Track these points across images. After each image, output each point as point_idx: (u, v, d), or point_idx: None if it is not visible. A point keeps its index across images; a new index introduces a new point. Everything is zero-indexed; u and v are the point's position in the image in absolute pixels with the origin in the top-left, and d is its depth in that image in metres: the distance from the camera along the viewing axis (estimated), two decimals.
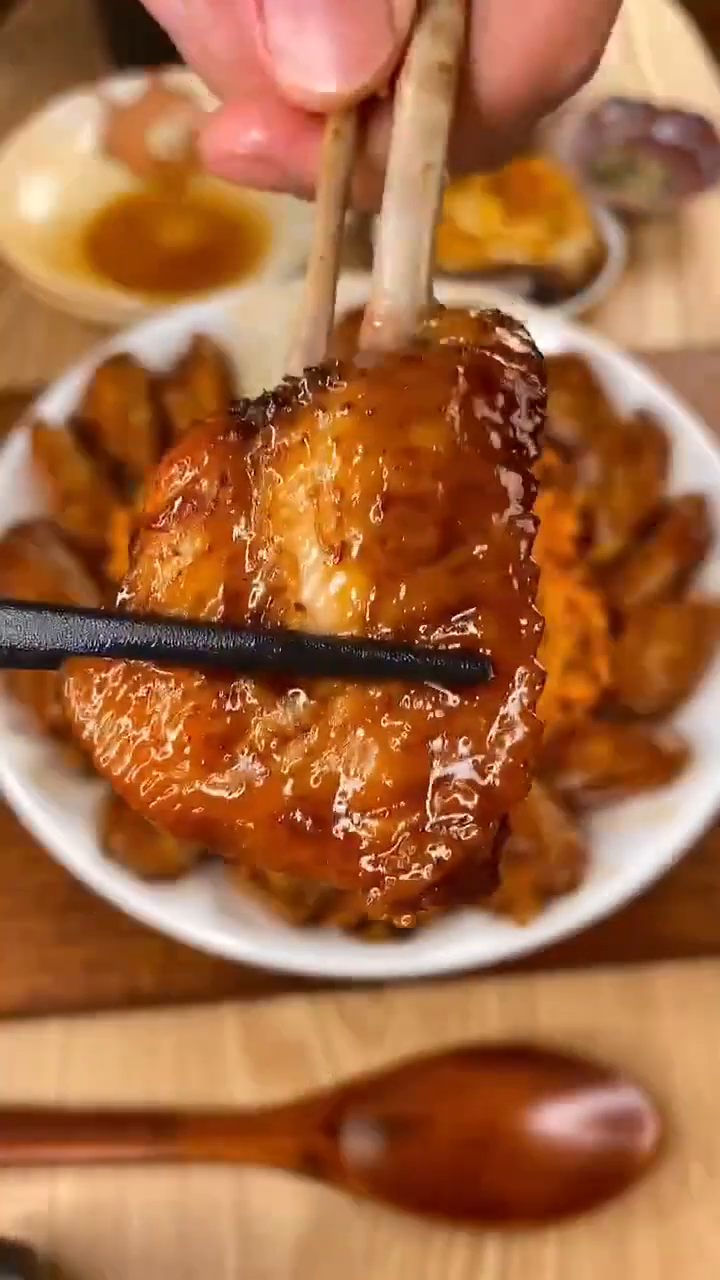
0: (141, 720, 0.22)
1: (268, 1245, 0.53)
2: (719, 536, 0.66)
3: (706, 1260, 0.53)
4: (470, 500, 0.21)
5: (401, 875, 0.20)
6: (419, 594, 0.21)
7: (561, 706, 0.63)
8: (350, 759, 0.21)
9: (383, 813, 0.21)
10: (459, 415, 0.21)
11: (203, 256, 0.90)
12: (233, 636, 0.21)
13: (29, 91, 1.07)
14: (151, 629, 0.21)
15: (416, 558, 0.21)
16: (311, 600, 0.21)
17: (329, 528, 0.21)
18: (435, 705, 0.21)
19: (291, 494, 0.21)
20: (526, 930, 0.53)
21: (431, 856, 0.20)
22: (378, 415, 0.21)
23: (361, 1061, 0.57)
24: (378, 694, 0.21)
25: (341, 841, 0.21)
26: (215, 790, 0.21)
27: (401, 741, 0.21)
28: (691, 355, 0.85)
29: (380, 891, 0.21)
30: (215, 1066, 0.57)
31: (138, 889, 0.54)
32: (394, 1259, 0.53)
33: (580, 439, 0.70)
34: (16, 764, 0.57)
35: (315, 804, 0.21)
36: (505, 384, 0.21)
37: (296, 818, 0.21)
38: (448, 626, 0.21)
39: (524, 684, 0.21)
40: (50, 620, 0.22)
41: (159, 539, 0.22)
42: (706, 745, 0.58)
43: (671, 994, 0.59)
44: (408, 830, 0.20)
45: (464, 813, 0.20)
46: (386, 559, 0.21)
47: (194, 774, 0.21)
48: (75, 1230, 0.53)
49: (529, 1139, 0.53)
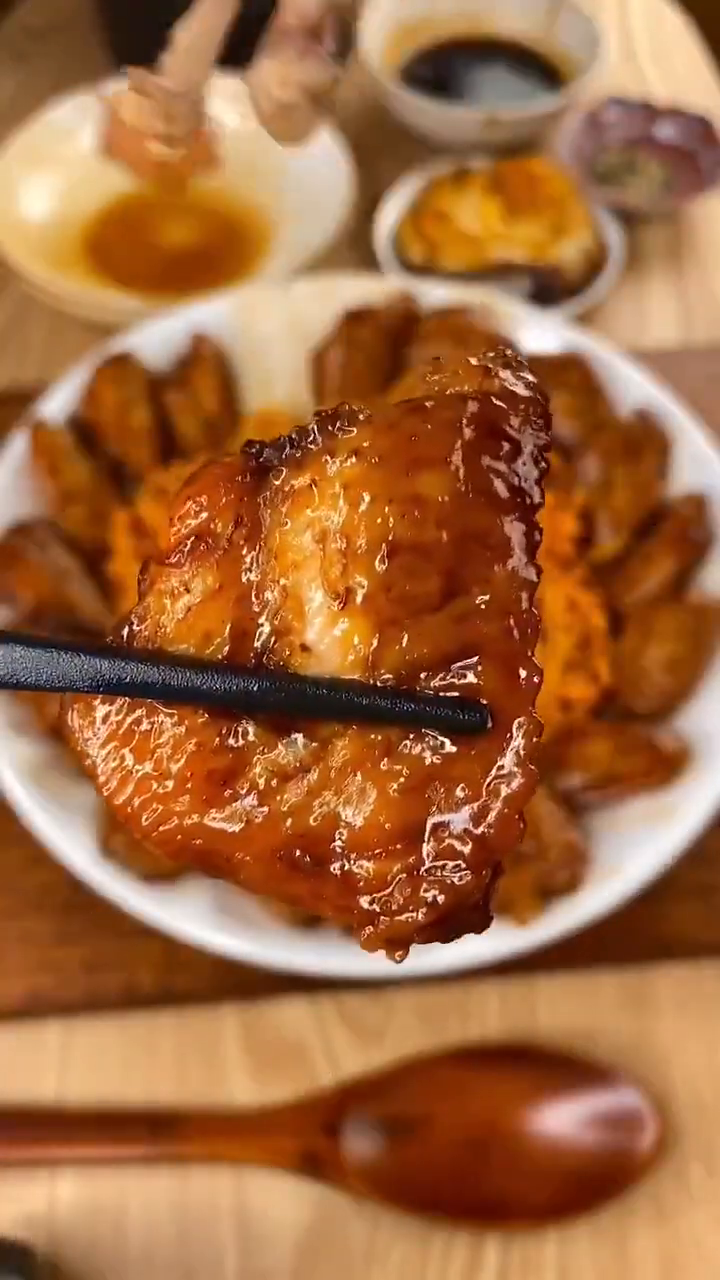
0: (144, 754, 0.22)
1: (268, 1245, 0.53)
2: (719, 536, 0.66)
3: (706, 1260, 0.53)
4: (474, 549, 0.21)
5: (396, 916, 0.21)
6: (421, 641, 0.21)
7: (561, 706, 0.62)
8: (349, 800, 0.21)
9: (380, 854, 0.21)
10: (464, 465, 0.21)
11: (202, 256, 0.90)
12: (237, 678, 0.22)
13: (29, 91, 1.07)
14: (157, 669, 0.22)
15: (419, 605, 0.21)
16: (316, 643, 0.22)
17: (334, 573, 0.21)
18: (434, 752, 0.21)
19: (299, 538, 0.22)
20: (526, 930, 0.53)
21: (425, 899, 0.21)
22: (384, 463, 0.21)
23: (361, 1061, 0.57)
24: (378, 738, 0.21)
25: (339, 879, 0.21)
26: (215, 824, 0.22)
27: (400, 785, 0.21)
28: (691, 355, 0.85)
29: (374, 929, 0.21)
30: (215, 1066, 0.57)
31: (138, 889, 0.54)
32: (394, 1259, 0.53)
33: (580, 439, 0.70)
34: (17, 764, 0.57)
35: (314, 841, 0.22)
36: (510, 431, 0.22)
37: (295, 854, 0.22)
38: (448, 674, 0.21)
39: (521, 734, 0.21)
40: (57, 658, 0.22)
41: (171, 574, 0.23)
42: (706, 745, 0.58)
43: (671, 994, 0.59)
44: (403, 872, 0.21)
45: (458, 859, 0.21)
46: (390, 606, 0.21)
47: (194, 808, 0.22)
48: (75, 1230, 0.53)
49: (529, 1139, 0.53)
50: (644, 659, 0.62)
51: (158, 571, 0.23)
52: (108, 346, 0.72)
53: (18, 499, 0.66)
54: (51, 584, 0.62)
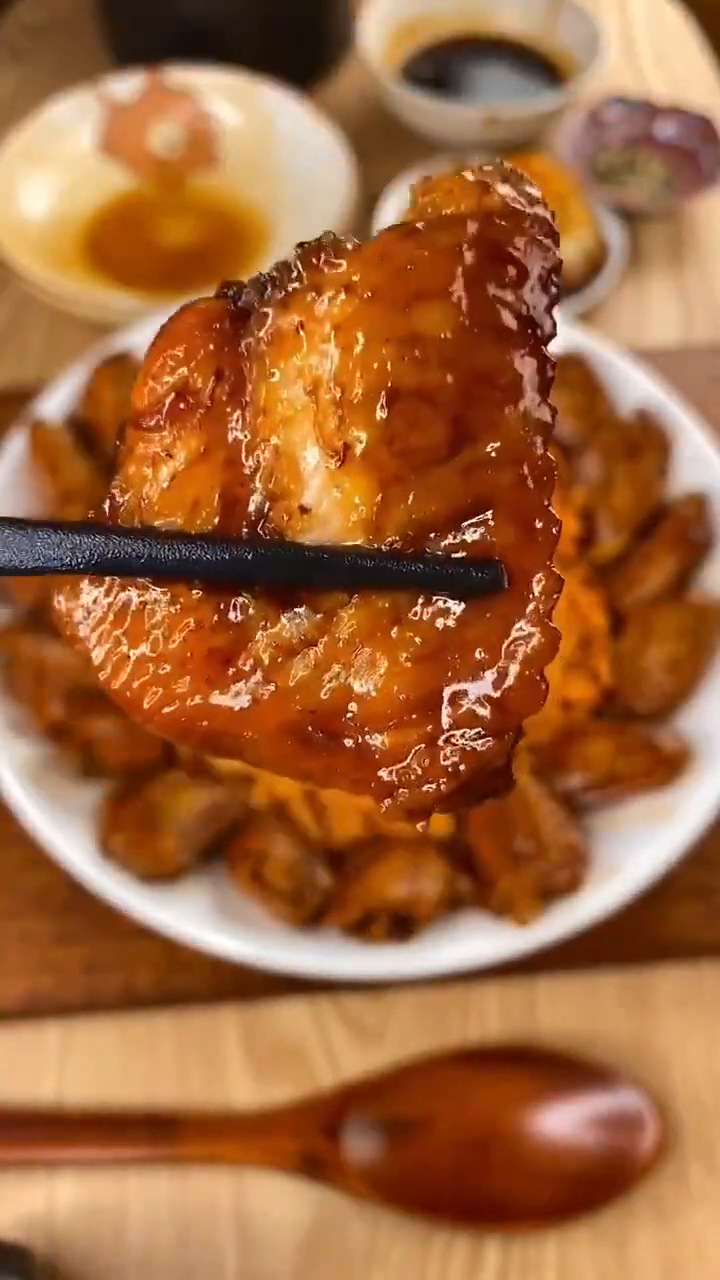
0: (140, 636, 0.21)
1: (268, 1246, 0.53)
2: (719, 536, 0.66)
3: (707, 1260, 0.53)
4: (482, 391, 0.19)
5: (416, 787, 0.20)
6: (428, 498, 0.19)
7: (562, 706, 0.62)
8: (360, 672, 0.20)
9: (395, 725, 0.20)
10: (466, 295, 0.19)
11: (202, 255, 0.90)
12: (231, 548, 0.20)
13: (29, 90, 1.06)
14: (144, 544, 0.20)
15: (425, 458, 0.19)
16: (314, 506, 0.20)
17: (330, 427, 0.19)
18: (447, 616, 0.20)
19: (288, 390, 0.20)
20: (527, 931, 0.53)
21: (446, 768, 0.20)
22: (378, 298, 0.19)
23: (361, 1062, 0.57)
24: (386, 606, 0.20)
25: (353, 753, 0.20)
26: (221, 703, 0.20)
27: (412, 654, 0.20)
28: (691, 355, 0.84)
29: (394, 801, 0.20)
30: (215, 1067, 0.57)
31: (137, 890, 0.53)
32: (394, 1259, 0.53)
33: (580, 438, 0.70)
34: (16, 765, 0.56)
35: (325, 716, 0.20)
36: (515, 254, 0.20)
37: (307, 730, 0.20)
38: (459, 532, 0.19)
39: (540, 590, 0.19)
40: (37, 537, 0.20)
41: (151, 439, 0.21)
42: (706, 745, 0.58)
43: (671, 995, 0.59)
44: (422, 742, 0.20)
45: (479, 724, 0.20)
46: (392, 460, 0.19)
47: (197, 689, 0.21)
48: (74, 1232, 0.53)
49: (529, 1140, 0.53)
50: (644, 659, 0.61)
51: (135, 436, 0.21)
52: (107, 346, 0.72)
53: (17, 498, 0.66)
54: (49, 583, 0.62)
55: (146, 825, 0.54)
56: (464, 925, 0.54)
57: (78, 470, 0.67)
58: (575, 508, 0.68)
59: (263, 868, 0.53)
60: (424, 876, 0.54)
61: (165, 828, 0.54)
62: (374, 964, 0.53)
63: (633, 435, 0.69)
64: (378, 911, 0.53)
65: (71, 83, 0.96)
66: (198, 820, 0.55)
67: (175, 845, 0.54)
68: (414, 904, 0.53)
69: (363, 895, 0.53)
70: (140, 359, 0.70)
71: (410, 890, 0.53)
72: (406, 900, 0.53)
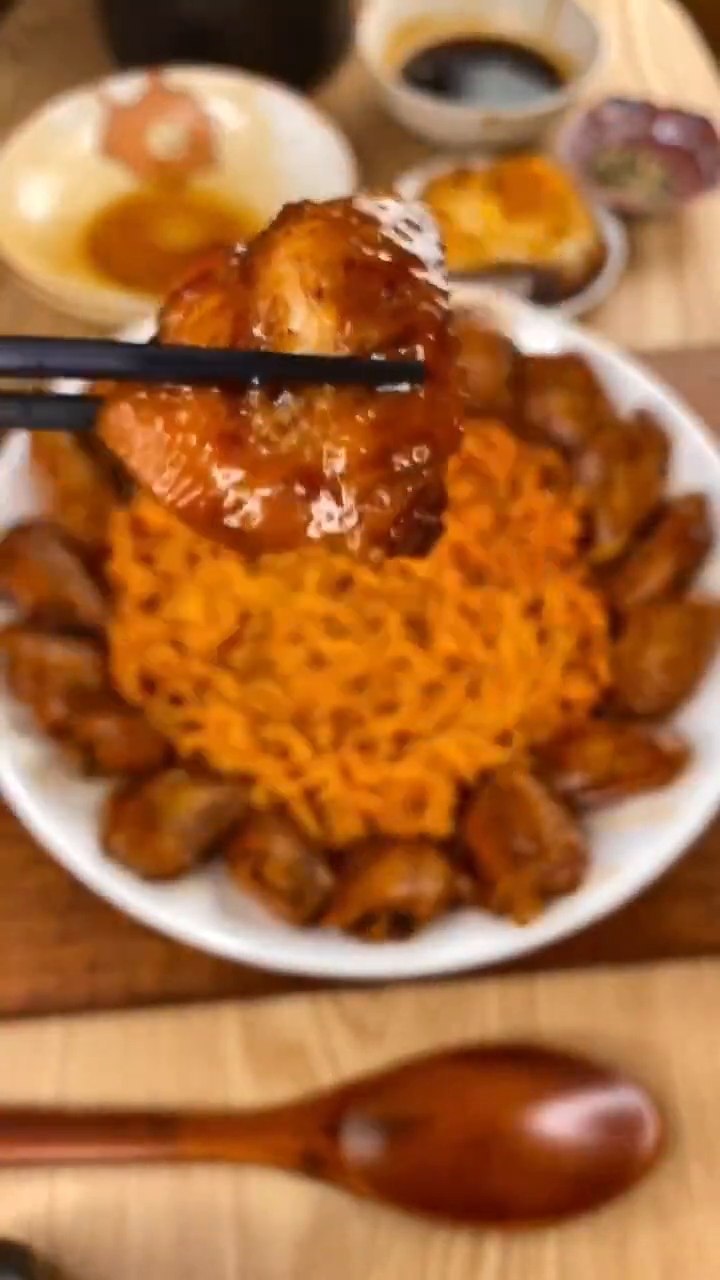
0: (172, 426, 0.29)
1: (268, 1245, 0.53)
2: (719, 536, 0.66)
3: (707, 1260, 0.53)
4: (405, 264, 0.29)
5: (375, 508, 0.28)
6: (372, 324, 0.28)
7: (562, 706, 0.63)
8: (333, 439, 0.28)
9: (359, 471, 0.28)
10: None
11: None
12: (240, 356, 0.29)
13: (29, 91, 1.07)
14: (177, 354, 0.30)
15: (370, 301, 0.28)
16: (299, 331, 0.29)
17: (310, 279, 0.29)
18: (391, 397, 0.28)
19: (281, 266, 0.29)
20: (526, 930, 0.53)
21: (397, 492, 0.28)
22: (339, 217, 0.30)
23: (362, 1061, 0.57)
24: (348, 395, 0.28)
25: (332, 500, 0.28)
26: (230, 473, 0.29)
27: (368, 422, 0.28)
28: (691, 355, 0.85)
29: (360, 529, 0.28)
30: (216, 1066, 0.57)
31: (138, 889, 0.54)
32: (394, 1258, 0.53)
33: (580, 439, 0.70)
34: (17, 764, 0.57)
35: (309, 472, 0.28)
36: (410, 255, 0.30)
37: (296, 487, 0.28)
38: (396, 346, 0.29)
39: (452, 377, 0.29)
40: (88, 348, 0.28)
41: (183, 301, 0.30)
42: (706, 745, 0.58)
43: (671, 994, 0.60)
44: (381, 480, 0.28)
45: (419, 460, 0.28)
46: (349, 299, 0.28)
47: (214, 460, 0.28)
48: (75, 1231, 0.53)
49: (529, 1139, 0.53)
50: (644, 659, 0.62)
51: (173, 299, 0.30)
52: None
53: (18, 499, 0.66)
54: (51, 584, 0.62)
55: (147, 825, 0.54)
56: (464, 925, 0.54)
57: (78, 471, 0.67)
58: (575, 508, 0.68)
59: (263, 867, 0.54)
60: (424, 876, 0.54)
61: (166, 827, 0.54)
62: (374, 962, 0.53)
63: (632, 436, 0.69)
64: (378, 911, 0.53)
65: (72, 84, 0.96)
66: (198, 820, 0.55)
67: (176, 845, 0.54)
68: (414, 903, 0.53)
69: (363, 895, 0.53)
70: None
71: (410, 890, 0.53)
72: (406, 899, 0.53)
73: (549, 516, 0.68)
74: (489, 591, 0.64)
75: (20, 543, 0.63)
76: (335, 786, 0.58)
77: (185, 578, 0.64)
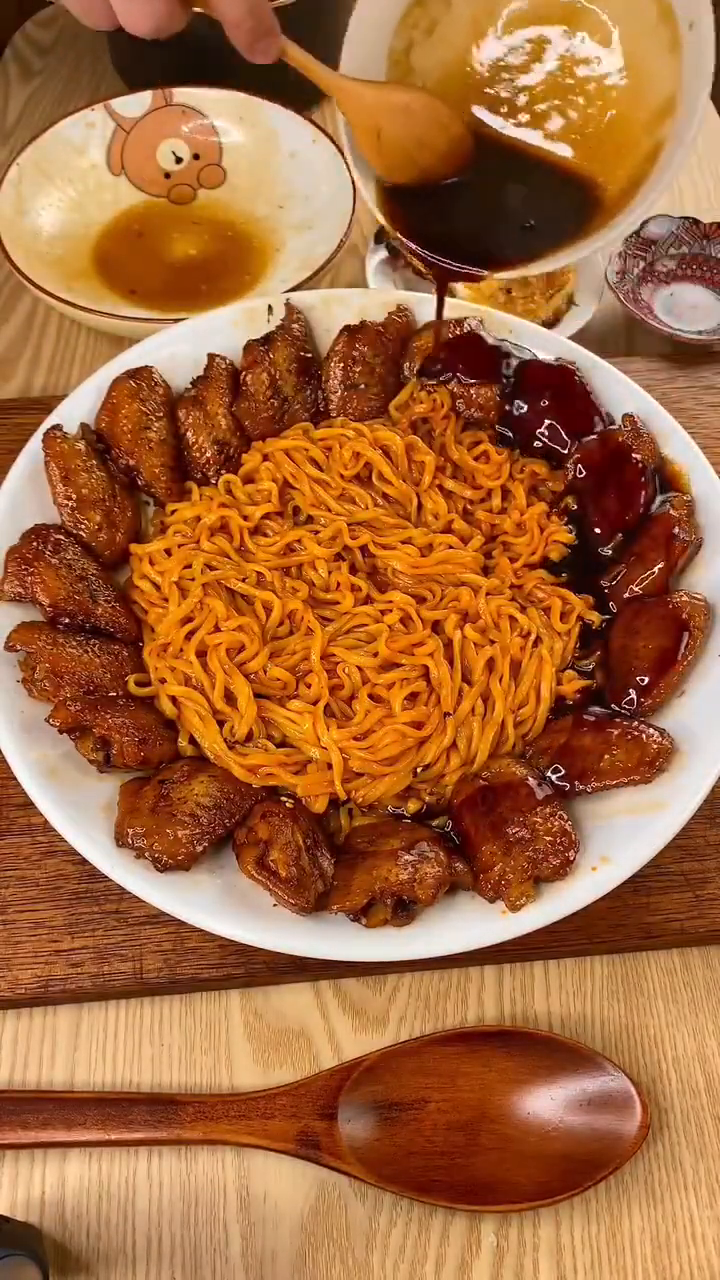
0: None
1: (271, 1226, 0.54)
2: (706, 538, 0.68)
3: (696, 1239, 0.54)
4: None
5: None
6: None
7: (552, 702, 0.64)
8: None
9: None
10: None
11: (208, 268, 0.92)
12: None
13: (39, 106, 1.09)
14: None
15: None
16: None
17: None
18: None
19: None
20: (519, 916, 0.55)
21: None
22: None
23: (362, 1045, 0.58)
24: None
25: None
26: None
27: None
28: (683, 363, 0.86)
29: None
30: (221, 1051, 0.59)
31: (150, 878, 0.55)
32: (394, 1239, 0.54)
33: (571, 444, 0.72)
34: (32, 761, 0.58)
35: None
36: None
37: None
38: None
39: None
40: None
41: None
42: (693, 740, 0.60)
43: (661, 981, 0.61)
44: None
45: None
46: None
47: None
48: (82, 1213, 0.54)
49: (520, 1121, 0.54)
50: (632, 656, 0.63)
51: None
52: (122, 358, 0.73)
53: (33, 505, 0.67)
54: (67, 587, 0.63)
55: (160, 816, 0.56)
56: (459, 911, 0.55)
57: (93, 478, 0.68)
58: (566, 511, 0.70)
59: (269, 856, 0.55)
60: (423, 860, 0.55)
61: (178, 818, 0.56)
62: (375, 948, 0.54)
63: (622, 440, 0.71)
64: (380, 896, 0.54)
65: (81, 101, 0.98)
66: (208, 811, 0.57)
67: (187, 835, 0.55)
68: (414, 886, 0.54)
69: (365, 881, 0.55)
70: (155, 371, 0.72)
71: (410, 874, 0.54)
72: (407, 882, 0.54)
73: (544, 519, 0.70)
74: (499, 602, 0.67)
75: (37, 547, 0.64)
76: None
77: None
